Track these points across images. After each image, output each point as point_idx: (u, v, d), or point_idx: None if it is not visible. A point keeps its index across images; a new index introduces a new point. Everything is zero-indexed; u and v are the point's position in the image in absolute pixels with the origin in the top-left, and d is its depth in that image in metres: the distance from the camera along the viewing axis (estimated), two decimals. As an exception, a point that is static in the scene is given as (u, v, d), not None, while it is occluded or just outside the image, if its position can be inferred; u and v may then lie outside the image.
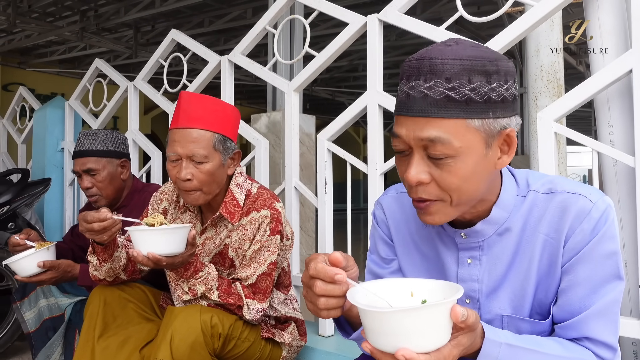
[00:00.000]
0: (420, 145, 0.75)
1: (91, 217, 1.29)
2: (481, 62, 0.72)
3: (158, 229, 1.25)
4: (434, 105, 0.72)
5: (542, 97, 2.17)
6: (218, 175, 1.44)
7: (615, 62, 1.39)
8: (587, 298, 0.79)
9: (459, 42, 0.76)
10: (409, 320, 0.62)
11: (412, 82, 0.74)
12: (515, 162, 6.76)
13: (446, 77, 0.71)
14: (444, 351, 0.65)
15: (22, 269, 1.60)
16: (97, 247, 1.42)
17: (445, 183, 0.75)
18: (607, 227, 0.78)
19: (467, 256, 0.87)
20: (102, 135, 1.88)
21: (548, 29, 2.19)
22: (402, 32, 7.02)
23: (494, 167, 0.78)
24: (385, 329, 0.63)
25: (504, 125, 0.75)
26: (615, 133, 1.52)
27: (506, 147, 0.78)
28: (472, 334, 0.69)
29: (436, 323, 0.64)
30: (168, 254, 1.25)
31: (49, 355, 1.76)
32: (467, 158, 0.74)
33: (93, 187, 1.85)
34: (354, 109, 1.87)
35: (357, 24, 1.86)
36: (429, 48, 0.76)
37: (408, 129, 0.75)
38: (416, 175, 0.76)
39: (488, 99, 0.72)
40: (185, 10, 6.91)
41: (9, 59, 9.34)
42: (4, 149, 4.05)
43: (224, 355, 1.38)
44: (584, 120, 13.30)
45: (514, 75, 0.76)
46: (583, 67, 7.35)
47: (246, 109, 12.94)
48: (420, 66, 0.73)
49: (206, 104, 1.43)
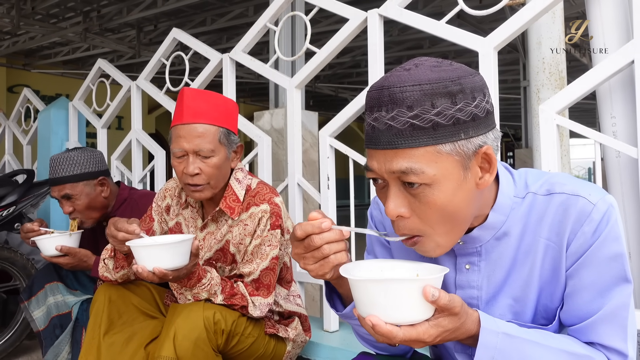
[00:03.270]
0: (394, 177, 0.72)
1: (120, 226, 1.31)
2: (442, 83, 0.68)
3: (163, 243, 1.23)
4: (399, 136, 0.69)
5: (544, 89, 2.16)
6: (224, 169, 1.46)
7: (617, 54, 1.39)
8: (594, 302, 0.76)
9: (419, 64, 0.72)
10: (379, 291, 0.67)
11: (374, 113, 0.71)
12: (519, 156, 6.74)
13: (407, 106, 0.68)
14: (419, 328, 0.68)
15: (44, 248, 1.76)
16: (118, 253, 1.44)
17: (425, 216, 0.72)
18: (610, 228, 0.75)
19: (465, 262, 0.85)
20: (74, 159, 1.82)
21: (550, 21, 2.18)
22: (404, 27, 6.99)
23: (477, 187, 0.74)
24: (363, 297, 0.69)
25: (479, 144, 0.71)
26: (618, 124, 1.51)
27: (487, 164, 0.74)
28: (454, 317, 0.70)
29: (409, 298, 0.67)
30: (174, 268, 1.25)
31: (57, 354, 1.78)
32: (444, 185, 0.70)
33: (75, 211, 1.83)
34: (356, 105, 1.87)
35: (357, 19, 1.86)
36: (388, 75, 0.72)
37: (379, 162, 0.72)
38: (395, 208, 0.73)
39: (456, 120, 0.69)
40: (187, 9, 6.91)
41: (13, 61, 9.38)
42: (9, 150, 4.08)
43: (228, 351, 1.39)
44: (589, 113, 13.22)
45: (482, 89, 0.72)
46: (586, 59, 7.31)
47: (249, 107, 12.95)
48: (380, 96, 0.70)
49: (209, 99, 1.44)
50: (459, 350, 0.88)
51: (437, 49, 7.89)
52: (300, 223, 0.77)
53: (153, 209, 1.62)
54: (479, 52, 1.57)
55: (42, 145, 3.46)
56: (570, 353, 0.75)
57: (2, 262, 2.30)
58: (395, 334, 0.67)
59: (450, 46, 7.72)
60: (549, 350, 0.74)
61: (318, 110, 3.89)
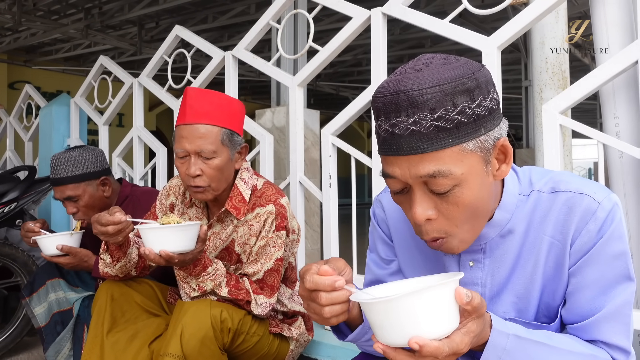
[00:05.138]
0: (419, 182, 0.71)
1: (106, 220, 1.29)
2: (460, 81, 0.67)
3: (170, 226, 1.24)
4: (424, 140, 0.67)
5: (547, 89, 2.16)
6: (227, 170, 1.44)
7: (621, 54, 1.38)
8: (597, 300, 0.77)
9: (429, 63, 0.70)
10: (413, 305, 0.61)
11: (392, 119, 0.68)
12: (520, 156, 6.73)
13: (430, 108, 0.66)
14: (456, 339, 0.64)
15: (44, 247, 1.74)
16: (111, 245, 1.42)
17: (452, 215, 0.72)
18: (614, 227, 0.75)
19: (469, 259, 0.84)
20: (76, 158, 1.80)
21: (553, 21, 2.18)
22: (406, 25, 6.99)
23: (494, 179, 0.75)
24: (392, 320, 0.62)
25: (497, 136, 0.72)
26: (621, 125, 1.51)
27: (502, 156, 0.74)
28: (480, 320, 0.68)
29: (442, 306, 0.62)
30: (180, 252, 1.25)
31: (58, 351, 1.78)
32: (471, 182, 0.71)
33: (78, 212, 1.83)
34: (359, 103, 1.87)
35: (360, 17, 1.85)
36: (400, 78, 0.69)
37: (402, 168, 0.70)
38: (423, 212, 0.72)
39: (477, 117, 0.68)
40: (189, 7, 6.91)
41: (14, 57, 9.38)
42: (10, 147, 4.08)
43: (232, 349, 1.39)
44: (589, 113, 13.21)
45: (492, 80, 0.72)
46: (588, 59, 7.30)
47: (250, 105, 12.93)
48: (397, 101, 0.68)
49: (212, 99, 1.42)
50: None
51: (439, 48, 7.88)
52: (310, 273, 0.72)
53: (157, 207, 1.62)
54: (483, 52, 1.57)
55: (44, 141, 3.45)
56: (575, 353, 0.75)
57: (3, 258, 2.30)
58: (442, 349, 0.62)
59: (452, 45, 7.72)
60: (554, 350, 0.74)
61: (318, 109, 3.88)
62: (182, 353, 1.24)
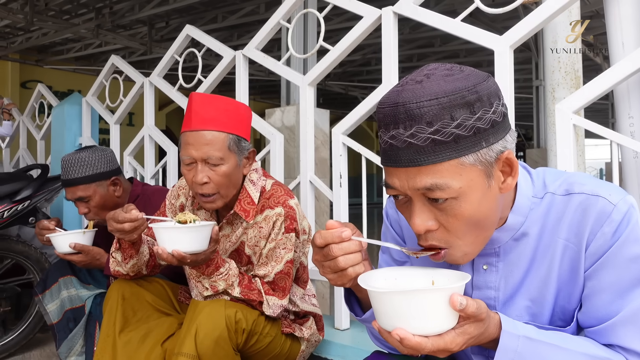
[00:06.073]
0: (418, 194, 0.71)
1: (122, 218, 1.29)
2: (460, 94, 0.66)
3: (184, 226, 1.24)
4: (421, 153, 0.67)
5: (560, 89, 2.14)
6: (234, 176, 1.42)
7: (636, 53, 1.37)
8: (614, 304, 0.75)
9: (430, 74, 0.70)
10: (404, 303, 0.64)
11: (391, 131, 0.69)
12: (530, 156, 6.68)
13: (427, 121, 0.66)
14: (446, 338, 0.66)
15: (58, 245, 1.75)
16: (123, 243, 1.42)
17: (452, 227, 0.72)
18: (630, 229, 0.74)
19: (483, 262, 0.84)
20: (86, 159, 1.81)
21: (566, 20, 2.16)
22: (415, 25, 6.96)
23: (500, 192, 0.73)
24: (387, 309, 0.66)
25: (500, 150, 0.70)
26: (636, 124, 1.49)
27: (508, 168, 0.73)
28: (480, 323, 0.69)
29: (433, 308, 0.65)
30: (193, 252, 1.25)
31: (71, 347, 1.80)
32: (470, 196, 0.70)
33: (90, 212, 1.85)
34: (369, 103, 1.86)
35: (371, 16, 1.85)
36: (400, 90, 0.69)
37: (400, 179, 0.71)
38: (422, 223, 0.72)
39: (477, 130, 0.67)
40: (199, 6, 6.94)
41: (26, 56, 9.49)
42: (23, 145, 4.12)
43: (246, 349, 1.38)
44: (601, 113, 13.08)
45: (497, 92, 0.71)
46: (600, 58, 7.22)
47: (260, 104, 12.97)
48: (395, 113, 0.68)
49: (218, 104, 1.39)
50: (475, 352, 0.87)
51: (449, 47, 7.84)
52: (320, 231, 0.76)
53: (166, 207, 1.61)
54: (495, 51, 1.56)
55: (56, 140, 3.49)
56: (590, 356, 0.74)
57: (17, 255, 2.33)
58: (424, 346, 0.65)
59: (462, 44, 7.67)
60: (567, 353, 0.73)
61: (327, 108, 3.88)
62: (196, 353, 1.24)
